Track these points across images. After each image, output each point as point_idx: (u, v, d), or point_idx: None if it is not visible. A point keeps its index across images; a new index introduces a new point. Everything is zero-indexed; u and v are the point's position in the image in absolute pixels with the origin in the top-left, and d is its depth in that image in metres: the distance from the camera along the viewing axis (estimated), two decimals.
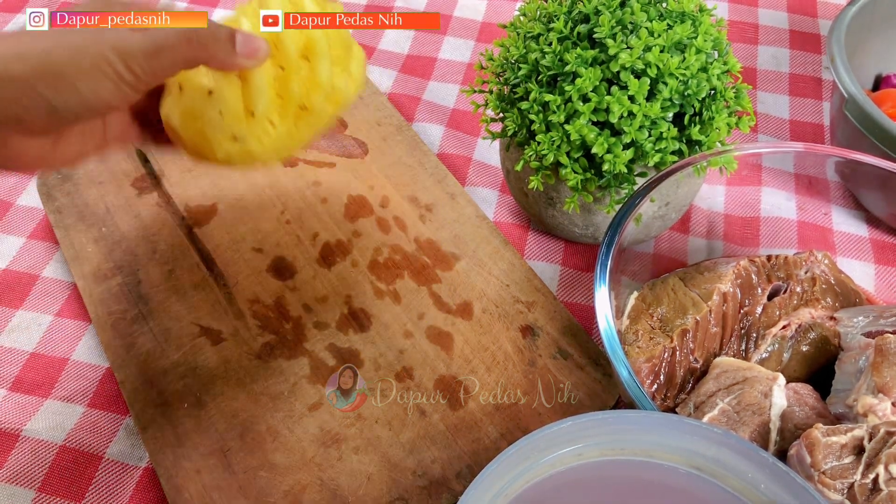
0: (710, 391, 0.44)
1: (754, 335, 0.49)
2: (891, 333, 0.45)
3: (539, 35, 0.51)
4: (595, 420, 0.40)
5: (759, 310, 0.49)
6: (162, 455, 0.48)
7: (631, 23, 0.49)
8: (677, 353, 0.47)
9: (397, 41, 0.77)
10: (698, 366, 0.47)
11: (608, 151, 0.49)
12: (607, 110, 0.48)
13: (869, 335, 0.47)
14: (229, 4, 0.81)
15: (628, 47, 0.48)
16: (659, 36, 0.48)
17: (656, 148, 0.49)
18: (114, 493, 0.49)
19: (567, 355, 0.52)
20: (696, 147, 0.51)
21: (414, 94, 0.72)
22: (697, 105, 0.50)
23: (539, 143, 0.50)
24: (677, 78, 0.48)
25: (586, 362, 0.51)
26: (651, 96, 0.49)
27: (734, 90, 0.52)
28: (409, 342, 0.53)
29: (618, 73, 0.48)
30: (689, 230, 0.62)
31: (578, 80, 0.48)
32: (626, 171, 0.50)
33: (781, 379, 0.44)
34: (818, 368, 0.49)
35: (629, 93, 0.48)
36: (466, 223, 0.59)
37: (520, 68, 0.51)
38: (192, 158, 0.49)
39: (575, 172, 0.50)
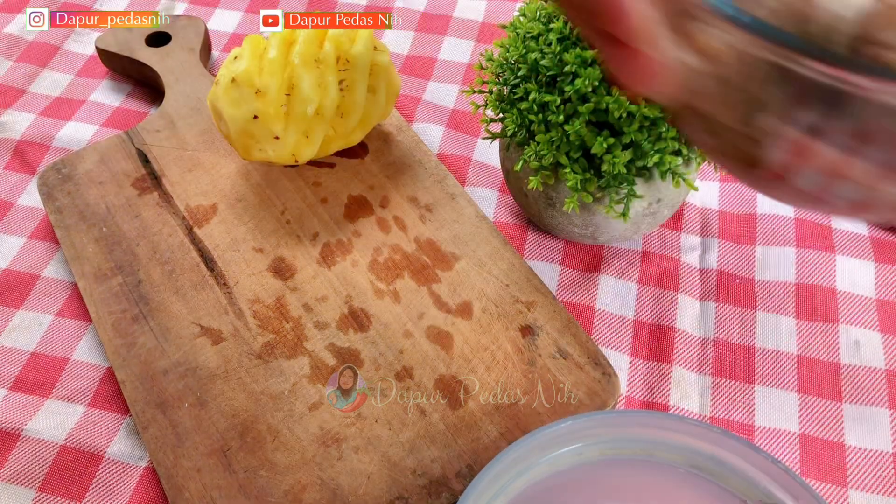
0: None
1: None
2: None
3: (538, 35, 0.52)
4: (595, 420, 0.40)
5: None
6: (162, 454, 0.48)
7: None
8: None
9: (397, 41, 0.77)
10: None
11: (607, 152, 0.49)
12: (606, 110, 0.48)
13: None
14: (229, 5, 0.81)
15: None
16: None
17: (655, 148, 0.49)
18: (114, 492, 0.49)
19: (567, 355, 0.52)
20: (696, 146, 0.51)
21: (414, 95, 0.72)
22: None
23: (538, 143, 0.50)
24: None
25: (586, 362, 0.52)
26: None
27: None
28: (408, 342, 0.53)
29: None
30: (682, 227, 0.62)
31: (578, 81, 0.48)
32: (625, 171, 0.50)
33: None
34: None
35: None
36: (466, 223, 0.59)
37: (519, 69, 0.51)
38: (235, 148, 0.55)
39: (574, 173, 0.50)
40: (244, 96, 0.54)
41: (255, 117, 0.54)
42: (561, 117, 0.49)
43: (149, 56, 0.70)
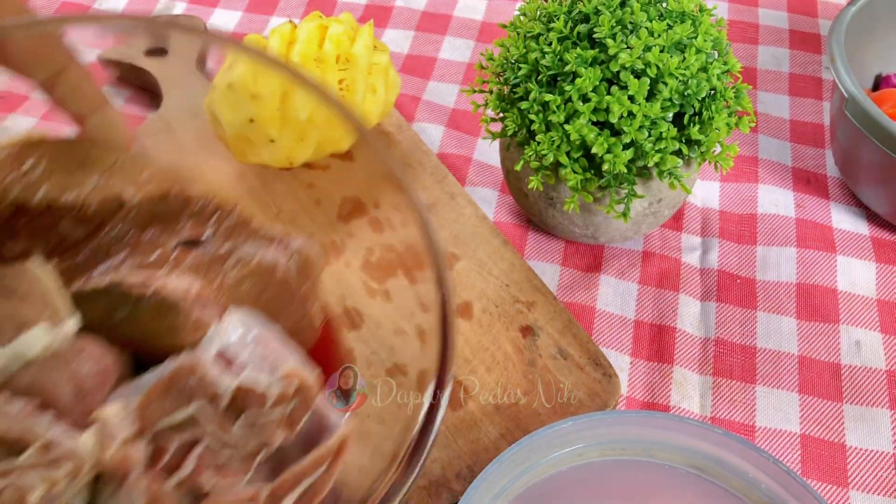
0: None
1: (108, 260, 0.35)
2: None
3: (539, 35, 0.51)
4: (595, 420, 0.40)
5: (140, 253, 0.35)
6: None
7: (631, 23, 0.49)
8: None
9: (397, 41, 0.77)
10: None
11: (608, 151, 0.49)
12: (607, 110, 0.48)
13: (220, 356, 0.34)
14: (229, 5, 0.81)
15: (628, 47, 0.48)
16: (659, 36, 0.48)
17: (656, 148, 0.49)
18: None
19: (567, 355, 0.52)
20: (696, 147, 0.51)
21: (414, 94, 0.72)
22: (697, 105, 0.50)
23: (539, 143, 0.50)
24: (677, 78, 0.48)
25: (586, 362, 0.51)
26: (651, 96, 0.49)
27: (734, 90, 0.51)
28: (399, 339, 0.53)
29: (618, 72, 0.48)
30: (683, 227, 0.62)
31: (578, 80, 0.48)
32: (625, 171, 0.50)
33: (71, 325, 0.32)
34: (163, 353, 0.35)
35: (629, 93, 0.48)
36: (466, 223, 0.59)
37: (520, 68, 0.51)
38: (231, 151, 0.54)
39: (575, 172, 0.50)
40: (240, 100, 0.54)
41: (252, 121, 0.54)
42: (561, 117, 0.49)
43: (147, 61, 0.70)
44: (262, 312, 0.37)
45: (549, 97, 0.49)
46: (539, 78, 0.50)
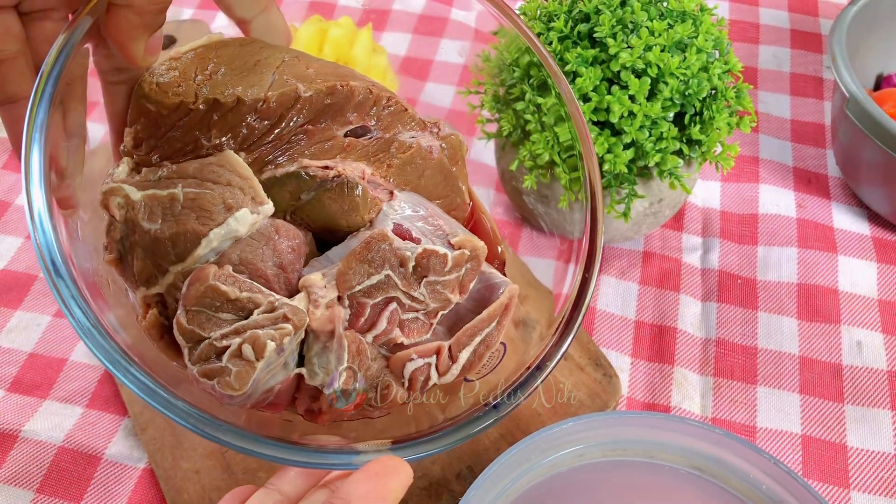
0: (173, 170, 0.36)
1: (289, 150, 0.38)
2: (406, 242, 0.37)
3: (539, 34, 0.51)
4: (596, 421, 0.40)
5: (322, 133, 0.38)
6: (161, 456, 0.48)
7: (631, 22, 0.49)
8: None
9: (395, 43, 0.77)
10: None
11: (608, 151, 0.48)
12: (608, 110, 0.48)
13: (396, 230, 0.37)
14: None
15: (629, 47, 0.48)
16: (660, 35, 0.48)
17: (657, 148, 0.49)
18: (112, 494, 0.48)
19: (567, 355, 0.52)
20: (697, 146, 0.51)
21: (411, 96, 0.72)
22: (698, 105, 0.50)
23: (534, 142, 0.50)
24: (678, 77, 0.48)
25: (586, 362, 0.51)
26: (651, 96, 0.48)
27: (735, 90, 0.51)
28: None
29: (618, 72, 0.48)
30: (683, 227, 0.62)
31: (579, 80, 0.48)
32: (626, 170, 0.49)
33: (269, 207, 0.36)
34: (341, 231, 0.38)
35: (630, 92, 0.47)
36: None
37: (514, 70, 0.51)
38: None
39: (566, 171, 0.50)
40: None
41: None
42: (552, 119, 0.48)
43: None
44: (423, 192, 0.41)
45: (540, 100, 0.49)
46: (531, 81, 0.50)
